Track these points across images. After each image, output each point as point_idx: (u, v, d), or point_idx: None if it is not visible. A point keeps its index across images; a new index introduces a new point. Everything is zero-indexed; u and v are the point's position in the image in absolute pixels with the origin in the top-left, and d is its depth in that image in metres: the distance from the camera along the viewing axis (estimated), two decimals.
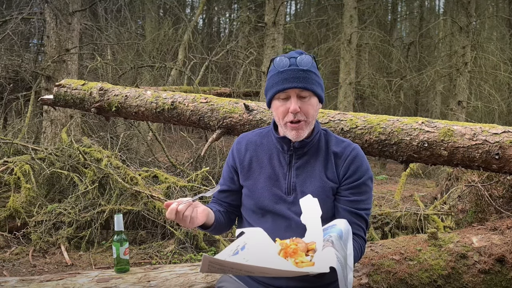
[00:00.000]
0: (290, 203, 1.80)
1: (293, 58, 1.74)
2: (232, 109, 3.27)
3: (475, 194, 3.27)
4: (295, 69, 1.72)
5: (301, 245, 1.52)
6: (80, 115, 7.56)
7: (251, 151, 1.91)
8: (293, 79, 1.71)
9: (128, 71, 8.94)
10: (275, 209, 1.81)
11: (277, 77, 1.74)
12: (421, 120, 2.83)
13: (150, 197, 4.75)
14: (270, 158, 1.87)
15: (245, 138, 1.97)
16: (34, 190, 4.90)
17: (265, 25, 10.08)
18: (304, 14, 18.55)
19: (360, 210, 1.78)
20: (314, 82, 1.74)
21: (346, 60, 11.45)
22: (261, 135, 1.95)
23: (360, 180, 1.78)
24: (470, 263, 2.50)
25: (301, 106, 1.72)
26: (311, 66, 1.74)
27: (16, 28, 7.84)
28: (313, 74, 1.74)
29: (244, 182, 1.90)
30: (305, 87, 1.71)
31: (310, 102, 1.75)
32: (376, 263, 2.50)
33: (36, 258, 4.37)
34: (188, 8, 18.69)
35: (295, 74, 1.71)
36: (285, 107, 1.74)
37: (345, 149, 1.82)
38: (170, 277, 2.32)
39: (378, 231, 4.66)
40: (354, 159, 1.80)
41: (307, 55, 1.77)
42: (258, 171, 1.87)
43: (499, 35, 14.61)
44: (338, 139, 1.87)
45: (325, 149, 1.84)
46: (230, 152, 1.99)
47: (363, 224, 1.79)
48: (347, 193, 1.78)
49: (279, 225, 1.79)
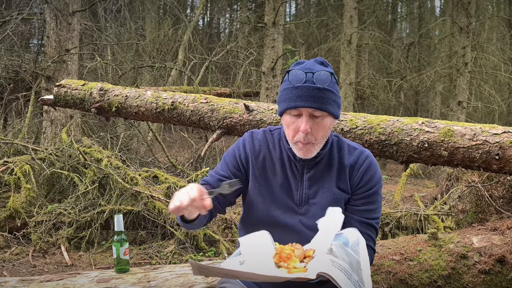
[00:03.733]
0: (302, 215, 1.74)
1: (310, 73, 1.59)
2: (232, 109, 3.27)
3: (475, 194, 3.27)
4: (310, 87, 1.58)
5: (298, 251, 1.49)
6: (80, 115, 7.56)
7: (264, 152, 1.80)
8: (307, 98, 1.58)
9: (128, 71, 8.95)
10: (285, 220, 1.74)
11: (291, 92, 1.61)
12: (421, 120, 2.83)
13: (150, 197, 4.75)
14: (283, 166, 1.77)
15: (256, 136, 1.83)
16: (34, 190, 4.90)
17: (265, 26, 10.07)
18: (304, 14, 18.55)
19: (370, 219, 1.74)
20: (329, 102, 1.61)
21: (346, 61, 11.45)
22: (272, 137, 1.83)
23: (372, 190, 1.74)
24: (470, 263, 2.50)
25: (312, 127, 1.62)
26: (329, 84, 1.60)
27: (16, 28, 7.84)
28: (330, 92, 1.61)
29: (257, 187, 1.78)
30: (319, 107, 1.59)
31: (323, 123, 1.64)
32: (376, 264, 2.51)
33: (36, 259, 4.36)
34: (188, 9, 18.69)
35: (310, 93, 1.58)
36: (295, 125, 1.64)
37: (358, 158, 1.75)
38: (170, 277, 2.32)
39: (378, 232, 4.65)
40: (367, 168, 1.74)
41: (326, 69, 1.63)
42: (272, 176, 1.78)
43: (499, 35, 14.61)
44: (350, 147, 1.79)
45: (338, 159, 1.76)
46: (239, 145, 1.83)
47: (373, 234, 1.75)
48: (358, 202, 1.74)
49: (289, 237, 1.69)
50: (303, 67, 1.64)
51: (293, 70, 1.63)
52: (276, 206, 1.75)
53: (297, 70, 1.62)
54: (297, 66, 1.66)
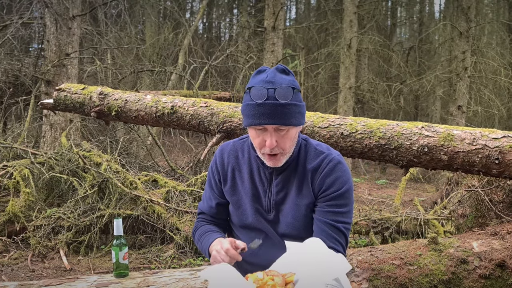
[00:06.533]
0: (271, 221, 1.77)
1: (271, 89, 1.57)
2: (232, 113, 3.27)
3: (475, 198, 3.27)
4: (273, 104, 1.56)
5: (278, 278, 1.40)
6: (79, 119, 7.56)
7: (232, 162, 1.84)
8: (270, 115, 1.57)
9: (128, 75, 8.96)
10: (259, 226, 1.79)
11: (254, 109, 1.59)
12: (421, 124, 2.83)
13: (150, 202, 4.75)
14: (251, 173, 1.80)
15: (226, 149, 1.88)
16: (33, 195, 4.89)
17: (265, 30, 10.10)
18: (304, 18, 18.57)
19: (337, 222, 1.68)
20: (293, 115, 1.60)
21: (346, 65, 11.47)
22: (242, 146, 1.86)
23: (337, 193, 1.69)
24: (470, 268, 2.49)
25: (278, 140, 1.62)
26: (292, 98, 1.59)
27: (16, 32, 7.85)
28: (293, 106, 1.60)
29: (230, 198, 1.85)
30: (284, 123, 1.59)
31: (288, 135, 1.64)
32: (376, 268, 2.50)
33: (35, 263, 4.35)
34: (188, 13, 18.73)
35: (274, 110, 1.56)
36: (261, 138, 1.64)
37: (322, 162, 1.72)
38: (170, 281, 2.31)
39: (378, 236, 4.65)
40: (330, 171, 1.70)
41: (287, 79, 1.62)
42: (241, 186, 1.82)
43: (499, 40, 14.64)
44: (317, 151, 1.76)
45: (303, 164, 1.75)
46: (212, 165, 1.90)
47: (341, 239, 1.69)
48: (323, 204, 1.71)
49: (265, 241, 1.76)
50: (263, 80, 1.61)
51: (254, 87, 1.60)
52: (248, 215, 1.80)
53: (258, 87, 1.59)
54: (258, 77, 1.63)
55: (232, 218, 1.88)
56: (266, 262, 1.59)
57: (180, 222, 4.68)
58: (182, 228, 4.63)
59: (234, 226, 1.89)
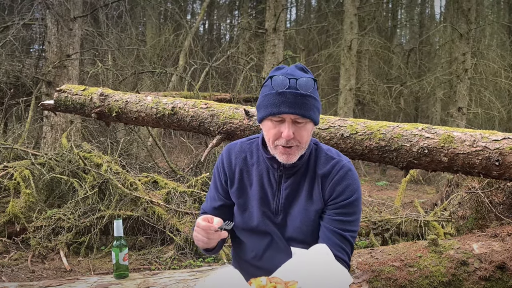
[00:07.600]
0: (278, 224, 1.75)
1: (293, 79, 1.57)
2: (232, 114, 3.27)
3: (476, 200, 3.27)
4: (294, 93, 1.57)
5: (281, 286, 1.39)
6: (80, 121, 7.57)
7: (240, 164, 1.82)
8: (291, 104, 1.56)
9: (129, 76, 8.96)
10: (265, 229, 1.76)
11: (274, 98, 1.59)
12: (421, 126, 2.83)
13: (150, 203, 4.75)
14: (260, 176, 1.77)
15: (233, 149, 1.85)
16: (33, 195, 4.90)
17: (266, 31, 10.11)
18: (305, 20, 18.58)
19: (344, 231, 1.67)
20: (312, 108, 1.60)
21: (346, 66, 11.48)
22: (250, 147, 1.84)
23: (347, 201, 1.68)
24: (470, 270, 2.49)
25: (295, 132, 1.60)
26: (312, 90, 1.59)
27: (17, 33, 7.86)
28: (313, 99, 1.60)
29: (236, 199, 1.82)
30: (303, 114, 1.58)
31: (305, 128, 1.62)
32: (376, 270, 2.49)
33: (35, 264, 4.35)
34: (189, 15, 18.76)
35: (294, 99, 1.56)
36: (277, 130, 1.62)
37: (333, 168, 1.70)
38: (170, 283, 2.31)
39: (378, 238, 4.65)
40: (340, 179, 1.68)
41: (308, 76, 1.62)
42: (248, 188, 1.79)
43: (499, 42, 14.65)
44: (327, 157, 1.74)
45: (313, 169, 1.73)
46: (218, 165, 1.87)
47: (347, 247, 1.67)
48: (332, 212, 1.69)
49: (269, 245, 1.75)
50: (284, 72, 1.62)
51: (276, 76, 1.60)
52: (255, 217, 1.77)
53: (280, 76, 1.59)
54: (278, 72, 1.64)
55: (236, 220, 1.83)
56: (271, 266, 1.57)
57: (180, 223, 4.68)
58: (182, 229, 4.63)
59: (237, 229, 1.84)
